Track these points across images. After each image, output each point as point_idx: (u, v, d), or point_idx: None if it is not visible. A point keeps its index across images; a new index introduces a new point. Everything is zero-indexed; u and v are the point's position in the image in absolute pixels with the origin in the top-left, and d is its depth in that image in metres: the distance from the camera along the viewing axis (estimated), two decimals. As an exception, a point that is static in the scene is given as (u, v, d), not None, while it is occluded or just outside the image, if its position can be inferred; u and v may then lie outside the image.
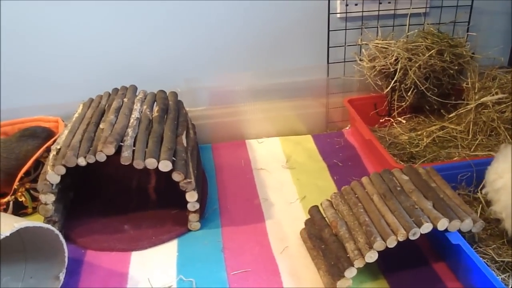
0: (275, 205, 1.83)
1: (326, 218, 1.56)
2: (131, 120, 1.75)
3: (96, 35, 2.06)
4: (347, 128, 2.33)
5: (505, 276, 1.40)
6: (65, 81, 2.11)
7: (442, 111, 2.14)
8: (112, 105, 1.84)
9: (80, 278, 1.52)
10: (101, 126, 1.73)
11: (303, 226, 1.65)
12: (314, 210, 1.62)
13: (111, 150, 1.57)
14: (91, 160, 1.58)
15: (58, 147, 1.66)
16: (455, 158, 1.93)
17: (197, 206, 1.66)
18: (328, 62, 2.20)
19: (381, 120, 2.25)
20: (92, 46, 2.08)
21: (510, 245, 1.52)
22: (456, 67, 2.05)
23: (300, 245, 1.62)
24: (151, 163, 1.57)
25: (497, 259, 1.45)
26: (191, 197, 1.63)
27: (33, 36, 2.02)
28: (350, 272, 1.38)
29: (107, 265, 1.58)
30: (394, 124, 2.21)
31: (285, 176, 2.00)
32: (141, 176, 1.98)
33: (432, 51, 2.01)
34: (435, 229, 1.40)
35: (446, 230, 1.41)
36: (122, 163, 1.57)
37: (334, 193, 1.62)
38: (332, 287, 1.41)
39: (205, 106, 2.25)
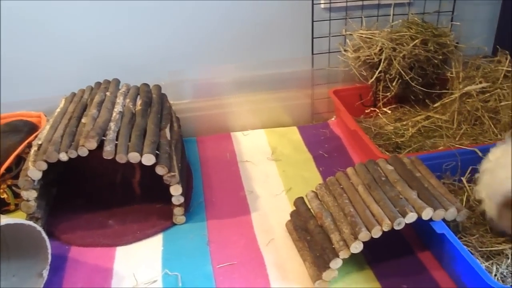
0: (261, 197, 1.82)
1: (311, 210, 1.56)
2: (114, 114, 1.73)
3: (79, 29, 2.03)
4: (333, 119, 2.33)
5: (489, 264, 1.41)
6: (48, 76, 2.08)
7: (426, 100, 2.14)
8: (95, 99, 1.82)
9: (64, 275, 1.51)
10: (83, 120, 1.72)
11: (288, 218, 1.65)
12: (299, 202, 1.62)
13: (93, 145, 1.55)
14: (73, 155, 1.56)
15: (40, 142, 1.64)
16: (440, 148, 1.93)
17: (182, 199, 1.65)
18: (312, 53, 2.19)
19: (366, 111, 2.24)
20: (75, 40, 2.05)
21: (492, 232, 1.52)
22: (441, 57, 2.05)
23: (286, 237, 1.62)
24: (134, 157, 1.55)
25: (479, 248, 1.45)
26: (175, 190, 1.62)
27: (15, 31, 1.98)
28: (336, 263, 1.38)
29: (91, 261, 1.57)
30: (379, 114, 2.21)
31: (271, 168, 1.99)
32: (126, 171, 1.96)
33: (416, 41, 2.00)
34: (419, 218, 1.40)
35: (430, 220, 1.42)
36: (105, 158, 1.55)
37: (319, 184, 1.61)
38: (318, 279, 1.40)
39: (189, 99, 2.23)
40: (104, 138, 1.60)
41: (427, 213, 1.39)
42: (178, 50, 2.14)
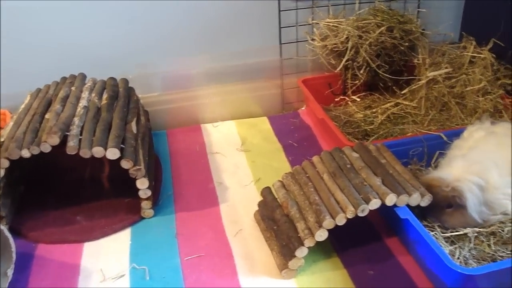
0: (230, 188, 1.82)
1: (277, 199, 1.56)
2: (78, 109, 1.71)
3: (46, 24, 2.00)
4: (303, 108, 2.33)
5: (453, 248, 1.43)
6: (14, 72, 2.04)
7: (394, 87, 2.15)
8: (59, 94, 1.80)
9: (30, 273, 1.49)
10: (46, 116, 1.69)
11: (257, 208, 1.65)
12: (266, 192, 1.62)
13: (55, 140, 1.53)
14: (35, 151, 1.54)
15: (2, 140, 1.61)
16: (408, 134, 1.95)
17: (149, 193, 1.64)
18: (280, 43, 2.19)
19: (336, 99, 2.24)
20: (41, 35, 2.02)
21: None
22: (407, 44, 2.06)
23: (254, 227, 1.62)
24: (98, 151, 1.54)
25: (442, 233, 1.47)
26: (142, 184, 1.61)
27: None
28: (301, 252, 1.38)
29: (58, 257, 1.55)
30: (349, 102, 2.21)
31: (240, 159, 1.99)
32: (95, 166, 1.94)
33: (382, 28, 2.00)
34: (384, 204, 1.41)
35: (395, 205, 1.43)
36: (68, 153, 1.54)
37: (286, 173, 1.62)
38: (284, 268, 1.41)
39: (158, 91, 2.21)
40: (68, 133, 1.58)
41: (390, 199, 1.40)
42: (146, 42, 2.12)
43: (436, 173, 1.55)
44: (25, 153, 1.53)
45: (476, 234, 1.45)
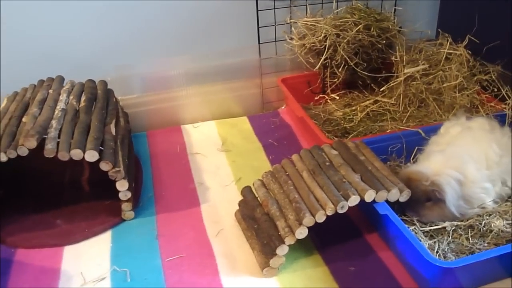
0: (211, 188, 1.82)
1: (258, 198, 1.56)
2: (56, 112, 1.69)
3: (22, 25, 1.97)
4: (283, 107, 2.34)
5: (432, 242, 1.44)
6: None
7: (372, 85, 2.17)
8: (36, 97, 1.78)
9: (9, 279, 1.47)
10: (24, 119, 1.68)
11: (238, 208, 1.65)
12: (246, 191, 1.62)
13: (32, 144, 1.52)
14: (12, 155, 1.52)
15: (-21, 144, 1.59)
16: (387, 131, 1.97)
17: (129, 195, 1.63)
18: (259, 42, 2.19)
19: (316, 98, 2.26)
20: (19, 37, 1.99)
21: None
22: (384, 41, 2.08)
23: (235, 227, 1.62)
24: (76, 154, 1.53)
25: (421, 228, 1.49)
26: (122, 186, 1.60)
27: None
28: (282, 250, 1.39)
29: (38, 262, 1.53)
30: (328, 101, 2.23)
31: (221, 159, 1.99)
32: (75, 169, 1.93)
33: (359, 26, 2.02)
34: (363, 201, 1.42)
35: (374, 201, 1.44)
36: (46, 156, 1.52)
37: (265, 172, 1.62)
38: (265, 266, 1.41)
39: (138, 93, 2.20)
40: (45, 136, 1.57)
41: (369, 195, 1.41)
42: (124, 44, 2.11)
43: (415, 166, 1.56)
44: (2, 157, 1.52)
45: (454, 228, 1.47)
